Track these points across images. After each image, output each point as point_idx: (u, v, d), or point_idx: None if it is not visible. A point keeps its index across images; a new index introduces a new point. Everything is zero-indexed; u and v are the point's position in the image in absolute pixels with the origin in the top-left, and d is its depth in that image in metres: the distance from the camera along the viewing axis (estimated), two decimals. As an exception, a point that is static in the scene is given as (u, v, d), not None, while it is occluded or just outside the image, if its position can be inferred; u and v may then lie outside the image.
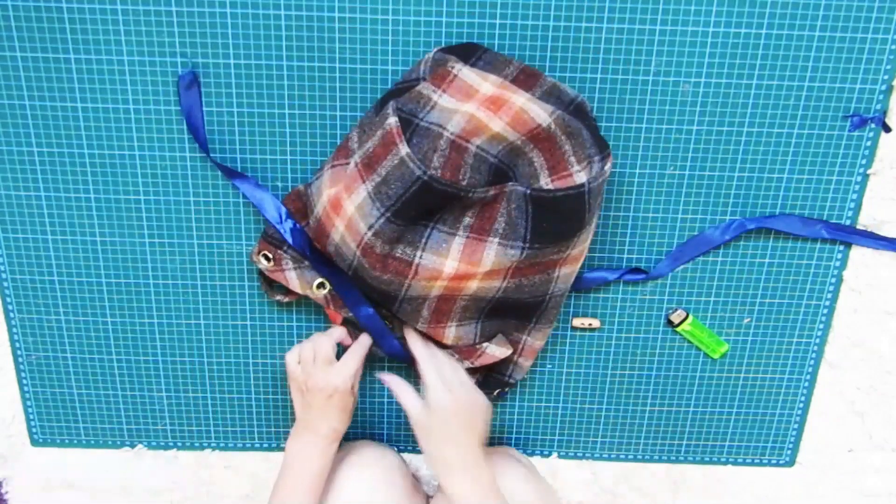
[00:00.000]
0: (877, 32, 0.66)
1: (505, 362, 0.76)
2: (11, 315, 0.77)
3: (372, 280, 0.66)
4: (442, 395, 0.65)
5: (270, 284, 0.75)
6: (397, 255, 0.64)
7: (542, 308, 0.71)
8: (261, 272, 0.74)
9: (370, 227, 0.62)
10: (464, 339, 0.71)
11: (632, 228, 0.74)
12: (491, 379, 0.77)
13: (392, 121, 0.60)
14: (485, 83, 0.63)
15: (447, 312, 0.69)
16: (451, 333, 0.71)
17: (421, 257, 0.64)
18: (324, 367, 0.69)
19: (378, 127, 0.62)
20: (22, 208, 0.72)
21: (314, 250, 0.70)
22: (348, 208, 0.64)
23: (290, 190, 0.72)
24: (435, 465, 0.65)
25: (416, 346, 0.70)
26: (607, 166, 0.62)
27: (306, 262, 0.71)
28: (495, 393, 0.77)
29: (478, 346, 0.72)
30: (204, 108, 0.69)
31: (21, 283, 0.75)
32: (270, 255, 0.71)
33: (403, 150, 0.59)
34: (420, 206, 0.61)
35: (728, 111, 0.69)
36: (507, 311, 0.71)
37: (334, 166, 0.67)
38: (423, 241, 0.64)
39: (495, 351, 0.72)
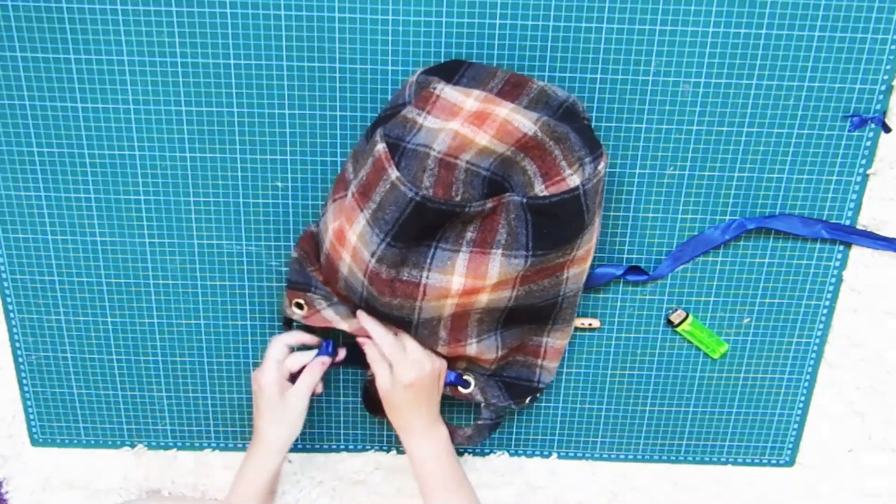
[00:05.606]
0: (877, 32, 0.66)
1: (531, 367, 0.76)
2: (11, 315, 0.77)
3: (382, 307, 0.66)
4: (408, 370, 0.68)
5: (289, 323, 0.74)
6: (404, 278, 0.64)
7: (556, 309, 0.71)
8: (288, 320, 0.73)
9: (373, 255, 0.63)
10: (486, 353, 0.71)
11: (632, 228, 0.74)
12: (519, 387, 0.76)
13: (380, 147, 0.61)
14: (468, 99, 0.63)
15: (463, 329, 0.69)
16: (472, 350, 0.71)
17: (427, 277, 0.64)
18: (265, 364, 0.71)
19: (369, 155, 0.62)
20: (22, 208, 0.72)
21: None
22: (351, 238, 0.64)
23: (289, 190, 0.72)
24: (399, 430, 0.73)
25: (371, 324, 0.70)
26: (601, 166, 0.62)
27: (335, 298, 0.71)
28: (527, 400, 0.77)
29: None
30: (204, 108, 0.69)
31: (21, 283, 0.75)
32: (302, 302, 0.71)
33: (393, 174, 0.60)
34: (418, 227, 0.62)
35: (728, 111, 0.69)
36: (523, 318, 0.71)
37: (335, 200, 0.67)
38: (428, 261, 0.64)
39: None
